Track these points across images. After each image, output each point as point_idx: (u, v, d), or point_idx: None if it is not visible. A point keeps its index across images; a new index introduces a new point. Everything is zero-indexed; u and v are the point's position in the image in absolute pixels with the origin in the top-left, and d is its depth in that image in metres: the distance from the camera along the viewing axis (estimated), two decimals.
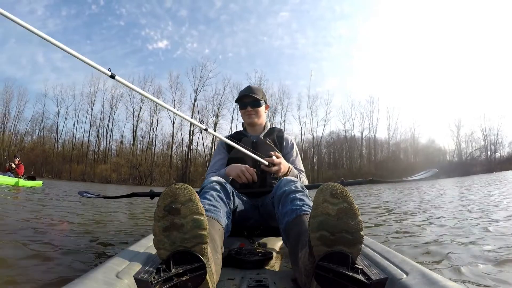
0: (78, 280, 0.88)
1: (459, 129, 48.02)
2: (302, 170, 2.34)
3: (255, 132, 2.42)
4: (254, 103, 2.34)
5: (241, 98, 2.37)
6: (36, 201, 6.75)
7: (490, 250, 2.26)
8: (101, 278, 0.91)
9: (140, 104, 47.69)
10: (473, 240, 2.62)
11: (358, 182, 2.24)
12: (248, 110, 2.35)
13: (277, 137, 2.39)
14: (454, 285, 0.85)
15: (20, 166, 13.93)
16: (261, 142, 2.28)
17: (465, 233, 2.95)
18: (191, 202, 1.00)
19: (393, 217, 4.66)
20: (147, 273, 1.00)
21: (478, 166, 44.98)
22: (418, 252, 2.37)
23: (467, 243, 2.52)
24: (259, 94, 2.36)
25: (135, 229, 3.64)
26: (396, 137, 50.33)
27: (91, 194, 2.54)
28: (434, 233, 3.10)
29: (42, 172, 42.33)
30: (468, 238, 2.73)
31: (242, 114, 2.41)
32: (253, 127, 2.41)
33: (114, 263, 1.04)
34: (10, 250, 2.24)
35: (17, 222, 3.46)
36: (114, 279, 0.94)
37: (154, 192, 2.29)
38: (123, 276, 0.96)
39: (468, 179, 22.56)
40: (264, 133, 2.39)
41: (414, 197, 8.88)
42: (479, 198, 7.07)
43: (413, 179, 2.52)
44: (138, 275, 0.98)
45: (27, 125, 46.92)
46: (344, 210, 0.97)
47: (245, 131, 2.47)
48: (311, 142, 49.04)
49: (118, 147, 48.28)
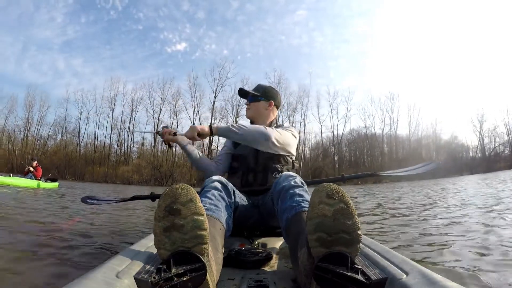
0: (78, 280, 0.88)
1: (481, 124, 46.87)
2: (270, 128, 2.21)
3: None
4: (251, 98, 2.37)
5: (239, 94, 2.44)
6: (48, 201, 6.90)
7: (491, 250, 2.25)
8: (101, 278, 0.91)
9: (160, 106, 48.63)
10: (473, 240, 2.59)
11: (359, 176, 2.22)
12: (246, 104, 2.40)
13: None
14: (454, 285, 0.85)
15: (38, 168, 14.14)
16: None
17: (466, 233, 2.92)
18: (191, 203, 1.01)
19: (393, 217, 4.64)
20: (147, 273, 1.00)
21: (501, 162, 43.84)
22: (418, 252, 2.36)
23: (467, 243, 2.50)
24: (259, 91, 2.37)
25: (135, 229, 3.66)
26: (418, 133, 49.85)
27: (94, 201, 2.57)
28: (434, 232, 3.08)
29: (65, 175, 43.46)
30: (468, 238, 2.71)
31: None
32: (257, 122, 2.38)
33: (114, 263, 1.05)
34: (10, 250, 2.27)
35: (20, 222, 3.54)
36: (114, 279, 0.94)
37: (155, 194, 2.32)
38: (123, 276, 0.97)
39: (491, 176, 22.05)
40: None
41: (415, 196, 8.75)
42: (490, 195, 6.90)
43: (414, 172, 2.45)
44: (138, 275, 0.99)
45: (50, 129, 48.58)
46: (340, 210, 0.97)
47: None
48: (331, 140, 48.80)
49: (139, 149, 49.12)
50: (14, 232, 2.97)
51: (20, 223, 3.56)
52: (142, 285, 0.96)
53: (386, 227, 3.72)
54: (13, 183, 12.34)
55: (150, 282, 0.92)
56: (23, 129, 46.70)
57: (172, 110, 48.48)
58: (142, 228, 3.79)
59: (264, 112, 2.38)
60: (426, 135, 49.60)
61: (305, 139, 36.71)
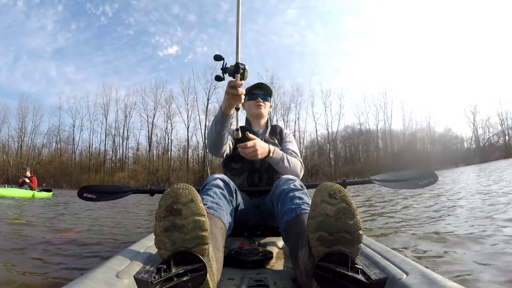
0: (78, 280, 0.88)
1: (475, 115, 47.24)
2: (296, 153, 2.28)
3: (259, 127, 2.42)
4: (265, 96, 2.39)
5: (254, 88, 2.38)
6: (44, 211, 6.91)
7: (491, 250, 2.23)
8: (101, 278, 0.91)
9: (153, 111, 48.52)
10: (474, 240, 2.58)
11: (360, 182, 2.22)
12: (258, 101, 2.36)
13: (280, 134, 2.41)
14: (454, 285, 0.85)
15: (33, 179, 13.93)
16: (268, 142, 2.24)
17: (466, 233, 2.92)
18: (192, 203, 1.01)
19: (394, 217, 4.62)
20: (147, 273, 1.00)
21: (496, 152, 44.18)
22: (418, 252, 2.36)
23: (467, 243, 2.49)
24: (269, 91, 2.42)
25: (135, 229, 3.66)
26: (412, 127, 50.16)
27: (92, 194, 2.47)
28: (434, 232, 3.07)
29: (61, 183, 43.38)
30: (468, 238, 2.70)
31: (250, 105, 2.39)
32: (258, 120, 2.41)
33: (114, 263, 1.05)
34: (10, 251, 2.27)
35: (22, 225, 3.53)
36: (114, 279, 0.94)
37: (154, 189, 2.31)
38: (123, 276, 0.97)
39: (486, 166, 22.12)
40: (269, 131, 2.40)
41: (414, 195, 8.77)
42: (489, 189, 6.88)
43: (414, 187, 2.41)
44: (138, 275, 0.99)
45: (44, 138, 48.29)
46: (342, 210, 0.98)
47: (249, 125, 2.45)
48: (326, 137, 48.95)
49: (134, 154, 48.87)
50: (13, 238, 2.96)
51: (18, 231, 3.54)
52: (142, 285, 0.96)
53: (386, 227, 3.72)
54: (8, 194, 12.24)
55: (150, 282, 0.92)
56: (17, 139, 46.53)
57: (166, 114, 48.48)
58: (142, 228, 3.78)
59: (266, 111, 2.42)
60: (420, 128, 49.98)
61: (300, 137, 36.70)
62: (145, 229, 3.71)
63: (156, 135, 48.90)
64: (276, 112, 46.83)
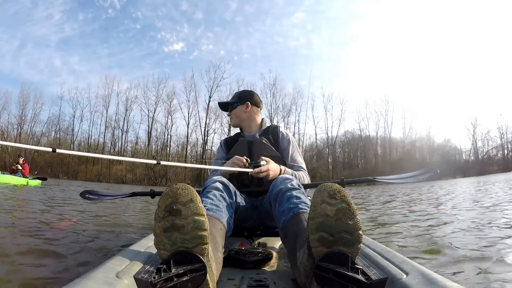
0: (78, 280, 0.88)
1: (475, 128, 47.15)
2: (301, 166, 2.32)
3: (251, 132, 2.44)
4: (230, 107, 2.48)
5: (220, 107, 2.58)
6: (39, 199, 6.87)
7: (491, 250, 2.24)
8: (101, 278, 0.91)
9: (154, 105, 48.41)
10: (474, 240, 2.59)
11: (358, 181, 2.24)
12: (228, 116, 2.52)
13: (272, 134, 2.38)
14: (454, 285, 0.85)
15: (25, 166, 14.10)
16: (257, 141, 2.29)
17: (466, 233, 2.93)
18: (192, 203, 1.00)
19: (394, 217, 4.63)
20: (147, 273, 1.00)
21: (494, 165, 44.36)
22: (418, 252, 2.36)
23: (467, 243, 2.50)
24: (234, 98, 2.48)
25: (135, 229, 3.64)
26: (412, 136, 50.10)
27: (94, 196, 2.54)
28: (434, 233, 3.08)
29: (58, 173, 43.19)
30: (468, 238, 2.71)
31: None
32: (245, 125, 2.48)
33: (114, 263, 1.05)
34: (8, 249, 2.26)
35: (18, 220, 3.50)
36: (114, 279, 0.94)
37: (155, 191, 2.33)
38: (123, 276, 0.97)
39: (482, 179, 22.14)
40: (260, 132, 2.40)
41: (416, 195, 8.78)
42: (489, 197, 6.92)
43: (413, 180, 2.45)
44: (138, 275, 0.99)
45: (43, 127, 47.73)
46: (342, 210, 0.97)
47: (242, 132, 2.51)
48: (325, 141, 48.92)
49: (133, 148, 48.55)
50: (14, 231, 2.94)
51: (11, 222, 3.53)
52: (142, 285, 0.96)
53: (386, 227, 3.73)
54: (3, 181, 12.38)
55: (150, 282, 0.92)
56: (17, 127, 45.62)
57: (167, 109, 48.24)
58: (142, 228, 3.77)
59: (244, 116, 2.43)
60: (420, 138, 49.95)
61: (300, 140, 36.63)
62: (142, 226, 3.71)
63: (156, 130, 48.87)
64: (277, 114, 46.92)
